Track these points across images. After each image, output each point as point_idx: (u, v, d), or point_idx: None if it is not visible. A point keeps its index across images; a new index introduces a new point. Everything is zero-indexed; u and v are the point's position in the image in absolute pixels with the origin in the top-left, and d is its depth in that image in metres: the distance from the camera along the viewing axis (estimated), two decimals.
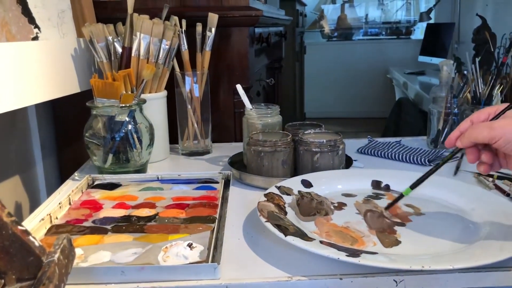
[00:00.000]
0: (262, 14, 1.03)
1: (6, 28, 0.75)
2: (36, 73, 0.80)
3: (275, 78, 1.86)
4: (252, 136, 0.81)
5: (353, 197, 0.70)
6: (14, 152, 1.00)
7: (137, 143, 0.85)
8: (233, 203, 0.71)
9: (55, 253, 0.38)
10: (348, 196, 0.70)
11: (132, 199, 0.72)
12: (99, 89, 0.81)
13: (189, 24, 0.96)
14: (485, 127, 0.52)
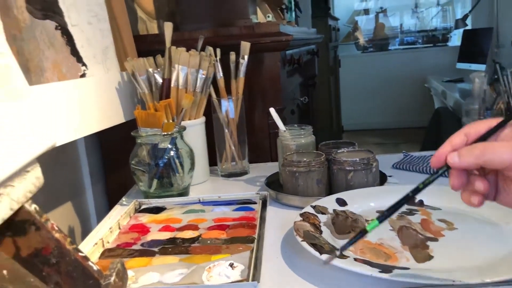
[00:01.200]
0: (292, 38, 1.07)
1: (58, 68, 0.82)
2: (85, 107, 0.87)
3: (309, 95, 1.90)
4: (286, 157, 0.85)
5: None
6: (66, 179, 1.08)
7: (179, 168, 0.90)
8: (270, 222, 0.74)
9: (111, 276, 0.43)
10: None
11: (176, 221, 0.76)
12: (142, 120, 0.87)
13: (224, 52, 1.01)
14: (507, 148, 0.42)
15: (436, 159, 0.45)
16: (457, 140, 0.45)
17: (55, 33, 0.83)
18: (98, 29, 0.96)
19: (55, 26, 0.83)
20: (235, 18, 1.17)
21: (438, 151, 0.46)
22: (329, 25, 3.35)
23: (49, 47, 0.80)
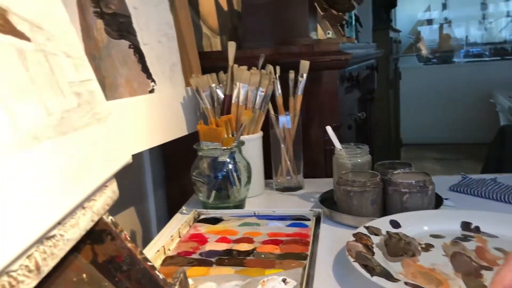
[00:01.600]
0: (351, 57, 1.09)
1: (130, 84, 0.89)
2: (153, 120, 0.93)
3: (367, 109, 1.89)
4: (341, 175, 0.86)
5: (441, 238, 0.71)
6: (130, 185, 1.15)
7: (236, 181, 0.94)
8: (324, 240, 0.76)
9: (174, 285, 0.47)
10: (436, 237, 0.72)
11: (233, 233, 0.80)
12: (204, 134, 0.92)
13: (283, 69, 1.05)
14: None
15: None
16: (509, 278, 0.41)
17: (128, 52, 0.89)
18: (167, 47, 1.02)
19: (128, 45, 0.89)
20: (295, 36, 1.20)
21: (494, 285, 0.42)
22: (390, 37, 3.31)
23: (122, 65, 0.87)
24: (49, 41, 0.42)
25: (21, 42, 0.37)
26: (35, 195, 0.31)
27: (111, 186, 0.47)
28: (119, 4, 0.88)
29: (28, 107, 0.35)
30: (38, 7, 0.42)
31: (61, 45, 0.44)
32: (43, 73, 0.39)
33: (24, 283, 0.30)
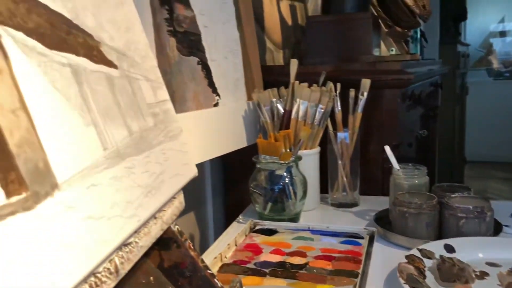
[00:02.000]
0: (413, 78, 1.09)
1: (197, 98, 0.94)
2: (216, 132, 0.98)
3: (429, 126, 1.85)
4: (398, 196, 0.87)
5: (497, 267, 0.70)
6: (191, 191, 1.21)
7: (292, 194, 0.97)
8: (376, 259, 0.77)
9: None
10: (492, 266, 0.71)
11: (286, 246, 0.83)
12: (263, 148, 0.96)
13: (344, 86, 1.06)
14: None
15: None
16: None
17: (196, 68, 0.95)
18: (232, 62, 1.08)
19: (197, 61, 0.95)
20: (358, 53, 1.21)
21: None
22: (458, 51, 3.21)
23: (191, 80, 0.93)
24: (132, 67, 0.47)
25: (110, 70, 0.42)
26: (119, 207, 0.36)
27: (178, 197, 0.52)
28: (190, 23, 0.94)
29: (115, 128, 0.40)
30: (124, 37, 0.48)
31: (142, 69, 0.49)
32: (127, 97, 0.44)
33: (106, 284, 0.34)
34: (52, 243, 0.28)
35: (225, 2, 1.07)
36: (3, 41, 0.29)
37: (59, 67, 0.34)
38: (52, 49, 0.34)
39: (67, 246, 0.29)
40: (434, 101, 1.94)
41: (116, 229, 0.35)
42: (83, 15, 0.40)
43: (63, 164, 0.31)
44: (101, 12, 0.44)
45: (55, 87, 0.33)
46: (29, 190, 0.27)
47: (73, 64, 0.36)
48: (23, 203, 0.27)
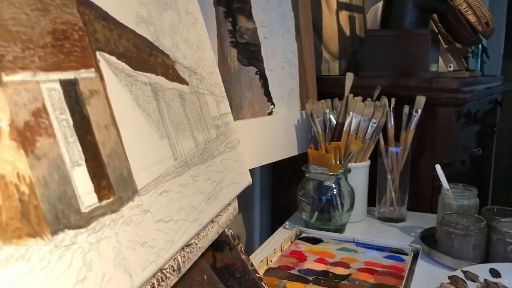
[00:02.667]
0: (469, 97, 1.08)
1: (252, 107, 0.99)
2: (269, 140, 1.02)
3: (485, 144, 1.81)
4: (445, 216, 0.87)
5: None
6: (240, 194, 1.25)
7: (339, 206, 0.99)
8: (418, 277, 0.78)
9: None
10: None
11: (330, 256, 0.85)
12: (314, 158, 0.99)
13: (398, 101, 1.07)
14: None
15: None
16: None
17: (254, 77, 0.99)
18: (289, 73, 1.11)
19: (255, 71, 0.99)
20: (415, 68, 1.21)
21: None
22: None
23: (248, 89, 0.97)
24: (200, 83, 0.52)
25: (182, 87, 0.47)
26: (184, 212, 0.41)
27: (233, 204, 0.56)
28: (252, 34, 0.98)
29: (184, 140, 0.44)
30: (195, 55, 0.52)
31: (208, 85, 0.54)
32: (195, 111, 0.49)
33: (169, 279, 0.39)
34: (131, 241, 0.32)
35: (285, 14, 1.11)
36: (101, 66, 0.34)
37: (142, 86, 0.39)
38: (137, 70, 0.39)
39: (143, 244, 0.33)
40: (492, 118, 1.89)
41: (181, 231, 0.39)
42: (162, 37, 0.45)
43: (142, 172, 0.36)
44: (176, 33, 0.48)
45: (138, 104, 0.38)
46: (116, 195, 0.32)
47: (153, 83, 0.41)
48: (110, 206, 0.31)
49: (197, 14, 0.56)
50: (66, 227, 0.27)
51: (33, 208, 0.25)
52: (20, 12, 0.28)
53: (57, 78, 0.29)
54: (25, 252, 0.24)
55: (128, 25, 0.39)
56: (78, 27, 0.33)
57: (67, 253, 0.26)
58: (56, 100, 0.29)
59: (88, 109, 0.31)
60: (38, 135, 0.27)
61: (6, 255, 0.23)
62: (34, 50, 0.28)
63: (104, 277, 0.29)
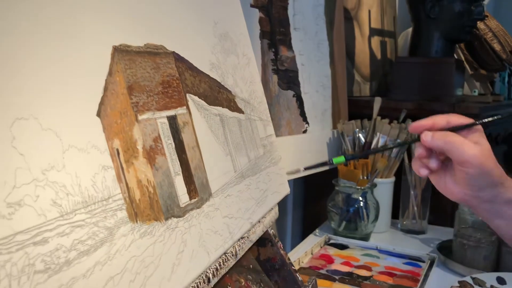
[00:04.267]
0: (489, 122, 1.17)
1: (289, 125, 1.12)
2: (304, 155, 1.14)
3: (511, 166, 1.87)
4: (460, 229, 0.97)
5: None
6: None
7: (365, 217, 1.10)
8: (432, 281, 0.89)
9: (308, 286, 0.67)
10: None
11: (355, 260, 0.97)
12: (343, 173, 1.11)
13: None
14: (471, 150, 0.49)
15: (414, 127, 0.53)
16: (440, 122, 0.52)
17: (291, 99, 1.13)
18: (322, 95, 1.24)
19: (292, 94, 1.13)
20: (440, 93, 1.31)
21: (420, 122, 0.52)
22: None
23: (286, 109, 1.11)
24: (252, 111, 0.65)
25: (240, 115, 0.61)
26: (241, 211, 0.54)
27: (274, 209, 0.69)
28: (291, 62, 1.11)
29: (241, 157, 0.58)
30: (248, 88, 0.66)
31: (258, 112, 0.67)
32: (248, 134, 0.62)
33: (228, 262, 0.52)
34: (208, 229, 0.46)
35: (321, 43, 1.24)
36: (189, 104, 0.48)
37: (213, 116, 0.53)
38: (210, 105, 0.53)
39: (215, 232, 0.47)
40: None
41: (239, 226, 0.52)
42: (226, 77, 0.59)
43: (214, 181, 0.49)
44: (236, 73, 0.62)
45: (211, 130, 0.51)
46: (199, 196, 0.46)
47: (220, 114, 0.55)
48: (196, 204, 0.45)
49: (250, 54, 0.70)
50: (172, 216, 0.41)
51: (155, 202, 0.39)
52: (145, 72, 0.42)
53: (165, 115, 0.43)
54: (152, 229, 0.38)
55: (204, 71, 0.53)
56: (176, 77, 0.46)
57: (173, 233, 0.40)
58: (165, 130, 0.43)
59: (183, 135, 0.45)
60: (157, 154, 0.41)
61: (142, 230, 0.37)
62: (152, 97, 0.42)
63: (193, 252, 0.42)
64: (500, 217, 0.53)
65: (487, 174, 0.50)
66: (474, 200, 0.53)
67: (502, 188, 0.51)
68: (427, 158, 0.53)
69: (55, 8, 0.33)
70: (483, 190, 0.51)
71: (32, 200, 0.28)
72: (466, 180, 0.51)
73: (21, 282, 0.26)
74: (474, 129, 0.53)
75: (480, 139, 0.52)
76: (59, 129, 0.31)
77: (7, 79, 0.28)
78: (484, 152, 0.50)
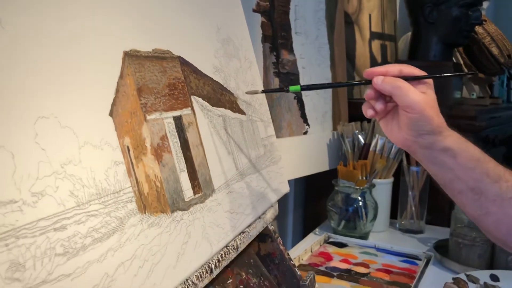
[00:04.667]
0: (484, 125, 1.20)
1: (290, 127, 1.15)
2: (304, 155, 1.17)
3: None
4: (456, 228, 1.00)
5: None
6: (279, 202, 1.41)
7: (364, 216, 1.13)
8: (428, 278, 0.91)
9: (306, 280, 0.70)
10: None
11: (353, 258, 1.00)
12: (342, 173, 1.14)
13: None
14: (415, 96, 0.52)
15: (369, 72, 0.57)
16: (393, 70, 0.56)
17: (293, 101, 1.16)
18: (323, 97, 1.27)
19: (293, 96, 1.16)
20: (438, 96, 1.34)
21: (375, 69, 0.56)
22: None
23: (287, 111, 1.14)
24: (253, 113, 0.68)
25: (241, 116, 0.64)
26: (242, 207, 0.57)
27: (274, 206, 0.72)
28: (292, 65, 1.14)
29: (242, 155, 0.61)
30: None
31: (259, 114, 0.70)
32: (249, 134, 0.65)
33: (230, 254, 0.55)
34: (211, 223, 0.49)
35: (322, 47, 1.27)
36: (194, 105, 0.51)
37: (216, 117, 0.56)
38: (213, 106, 0.56)
39: (218, 226, 0.50)
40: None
41: (240, 221, 0.56)
42: (229, 80, 0.62)
43: (217, 177, 0.52)
44: (238, 76, 0.65)
45: (214, 130, 0.55)
46: (202, 191, 0.49)
47: (223, 115, 0.58)
48: (199, 198, 0.48)
49: (252, 58, 0.73)
50: (178, 209, 0.44)
51: (162, 196, 0.42)
52: (153, 75, 0.45)
53: (171, 116, 0.46)
54: (159, 221, 0.41)
55: (208, 74, 0.56)
56: (181, 80, 0.50)
57: (178, 225, 0.43)
58: (171, 129, 0.46)
59: (187, 134, 0.48)
60: (163, 152, 0.44)
61: (150, 221, 0.40)
62: (160, 98, 0.45)
63: (196, 243, 0.45)
64: (436, 163, 0.57)
65: (427, 121, 0.53)
66: (414, 145, 0.57)
67: (440, 136, 0.55)
68: (374, 100, 0.57)
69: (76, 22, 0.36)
70: (422, 136, 0.54)
71: (52, 190, 0.31)
72: (407, 125, 0.54)
73: (44, 262, 0.29)
74: (424, 81, 0.57)
75: (428, 90, 0.56)
76: (76, 127, 0.34)
77: (31, 83, 0.31)
78: (427, 101, 0.54)
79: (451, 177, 0.57)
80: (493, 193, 0.56)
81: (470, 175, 0.56)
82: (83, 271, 0.32)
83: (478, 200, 0.57)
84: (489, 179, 0.56)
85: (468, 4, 1.29)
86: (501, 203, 0.56)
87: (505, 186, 0.56)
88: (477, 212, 0.59)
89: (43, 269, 0.29)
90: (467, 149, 0.57)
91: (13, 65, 0.30)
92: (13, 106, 0.30)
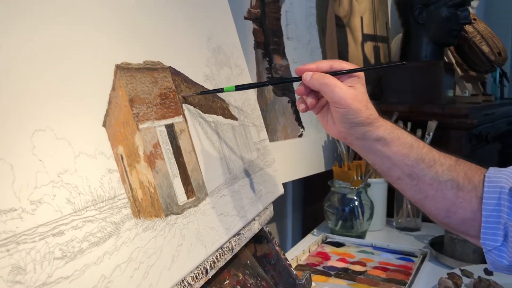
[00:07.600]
0: (477, 123, 1.22)
1: (285, 130, 1.17)
2: (299, 158, 1.19)
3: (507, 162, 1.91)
4: None
5: None
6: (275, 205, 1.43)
7: (360, 215, 1.15)
8: (423, 274, 0.93)
9: (302, 279, 0.71)
10: None
11: (351, 257, 1.02)
12: (337, 174, 1.16)
13: (415, 125, 1.23)
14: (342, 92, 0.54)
15: (299, 69, 0.59)
16: (324, 66, 0.57)
17: (287, 105, 1.18)
18: None
19: (287, 100, 1.18)
20: (431, 95, 1.36)
21: (306, 65, 0.58)
22: None
23: (282, 115, 1.16)
24: (246, 118, 0.70)
25: (233, 122, 0.66)
26: (236, 210, 0.59)
27: (269, 208, 0.74)
28: (285, 70, 1.16)
29: (235, 159, 0.63)
30: (242, 97, 0.71)
31: (251, 118, 0.72)
32: (242, 138, 0.67)
33: (225, 256, 0.57)
34: (205, 225, 0.51)
35: (314, 51, 1.29)
36: (185, 113, 0.53)
37: (208, 123, 0.58)
38: (205, 113, 0.58)
39: (212, 228, 0.52)
40: None
41: (234, 223, 0.57)
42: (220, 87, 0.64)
43: (210, 182, 0.54)
44: (229, 83, 0.67)
45: (206, 136, 0.57)
46: (196, 195, 0.51)
47: (215, 121, 0.60)
48: (193, 202, 0.50)
49: (243, 65, 0.75)
50: (172, 213, 0.46)
51: (155, 201, 0.44)
52: (145, 86, 0.47)
53: (163, 124, 0.48)
54: (153, 225, 0.43)
55: (199, 82, 0.59)
56: (172, 90, 0.52)
57: (173, 228, 0.45)
58: (164, 137, 0.48)
59: (180, 141, 0.50)
60: (156, 159, 0.46)
61: (145, 225, 0.42)
62: (151, 108, 0.47)
63: (191, 245, 0.47)
64: (372, 153, 0.59)
65: (355, 114, 0.55)
66: (349, 137, 0.59)
67: (371, 127, 0.56)
68: (306, 95, 0.59)
69: (70, 35, 0.39)
70: (353, 128, 0.56)
71: (50, 198, 0.33)
72: (338, 118, 0.56)
73: (43, 266, 0.31)
74: (354, 75, 0.58)
75: (356, 84, 0.57)
76: (71, 138, 0.36)
77: (28, 97, 0.33)
78: (354, 95, 0.55)
79: (388, 165, 0.59)
80: (429, 177, 0.57)
81: (405, 161, 0.57)
82: (81, 273, 0.34)
83: (416, 185, 0.58)
84: (424, 164, 0.58)
85: (457, 4, 1.31)
86: (438, 186, 0.57)
87: (441, 169, 0.58)
88: (417, 196, 0.60)
89: (43, 272, 0.31)
90: (400, 137, 0.58)
91: (10, 83, 0.32)
92: (11, 121, 0.32)
